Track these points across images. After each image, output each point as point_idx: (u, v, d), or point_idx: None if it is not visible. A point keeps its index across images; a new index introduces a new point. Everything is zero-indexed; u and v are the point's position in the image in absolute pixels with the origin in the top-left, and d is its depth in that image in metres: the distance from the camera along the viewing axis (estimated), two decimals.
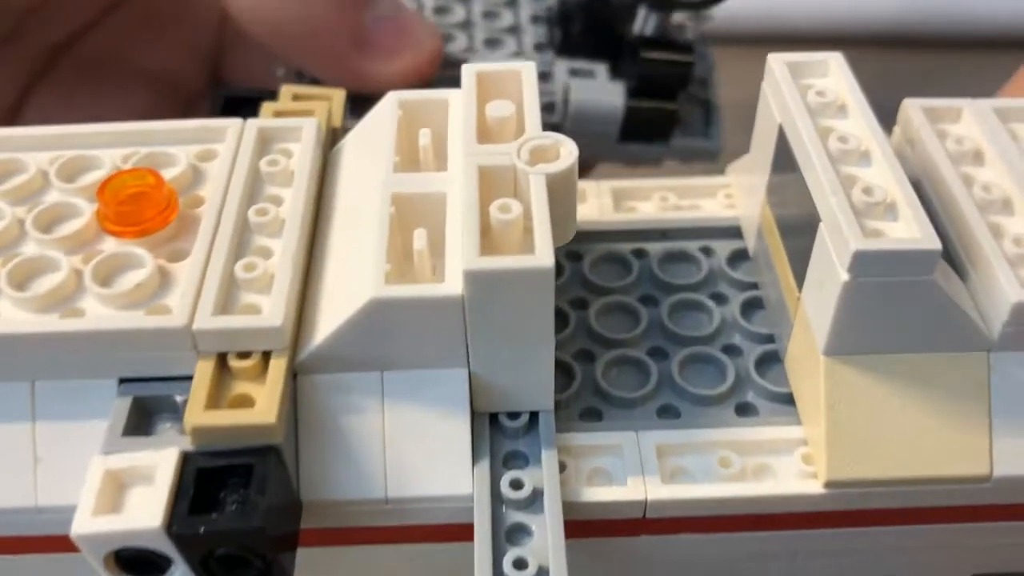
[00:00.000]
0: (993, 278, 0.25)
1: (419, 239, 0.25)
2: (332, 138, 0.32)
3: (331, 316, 0.25)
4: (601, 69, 0.38)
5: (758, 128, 0.31)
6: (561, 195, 0.26)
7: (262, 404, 0.24)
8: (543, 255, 0.24)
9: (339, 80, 0.32)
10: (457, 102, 0.29)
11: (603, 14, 0.37)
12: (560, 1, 0.39)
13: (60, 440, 0.25)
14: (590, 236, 0.33)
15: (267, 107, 0.32)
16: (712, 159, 0.38)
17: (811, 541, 0.27)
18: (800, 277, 0.27)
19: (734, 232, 0.33)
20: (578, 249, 0.33)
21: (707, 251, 0.33)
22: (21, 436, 0.25)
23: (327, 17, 0.33)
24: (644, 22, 0.36)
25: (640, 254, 0.33)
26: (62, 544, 0.24)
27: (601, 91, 0.37)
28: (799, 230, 0.27)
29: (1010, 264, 0.26)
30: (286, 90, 0.34)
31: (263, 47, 0.39)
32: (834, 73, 0.29)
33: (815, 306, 0.26)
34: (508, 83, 0.29)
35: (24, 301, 0.25)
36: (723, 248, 0.33)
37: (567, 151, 0.26)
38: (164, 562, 0.24)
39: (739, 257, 0.32)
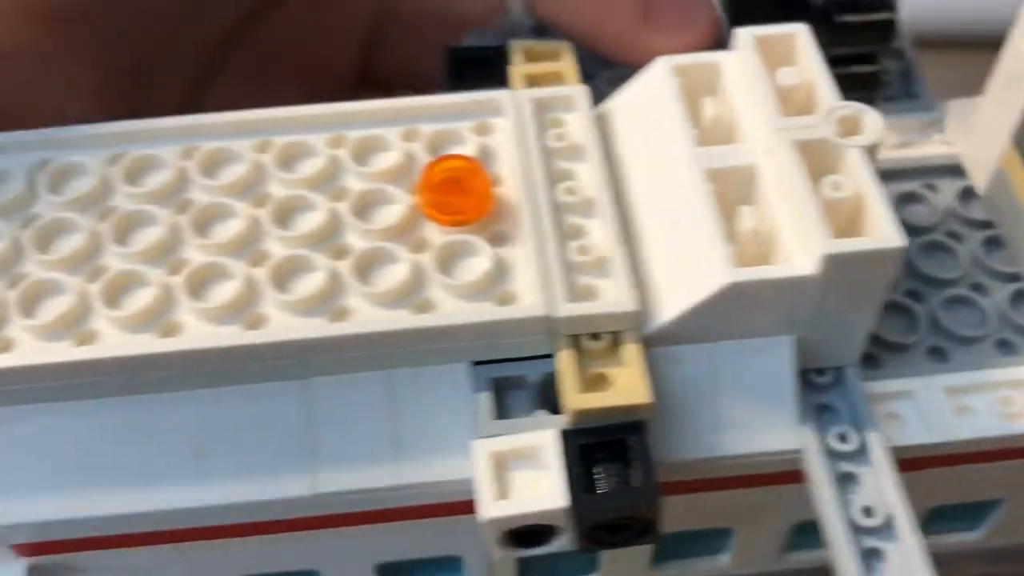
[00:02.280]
0: None
1: (748, 217, 0.27)
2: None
3: (673, 297, 0.27)
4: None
5: (1005, 64, 0.32)
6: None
7: (635, 385, 0.26)
8: (893, 234, 0.25)
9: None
10: (730, 67, 0.30)
11: None
12: None
13: (420, 422, 0.27)
14: None
15: (518, 71, 0.32)
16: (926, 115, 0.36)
17: None
18: None
19: (956, 171, 0.35)
20: None
21: (932, 188, 0.35)
22: (382, 420, 0.27)
23: None
24: None
25: None
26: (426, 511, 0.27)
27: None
28: None
29: None
30: (516, 47, 0.34)
31: (419, 35, 0.39)
32: None
33: None
34: (785, 46, 0.30)
35: (369, 295, 0.26)
36: (948, 187, 0.34)
37: (873, 120, 0.27)
38: (552, 532, 0.26)
39: (966, 196, 0.34)
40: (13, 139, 0.29)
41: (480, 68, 0.33)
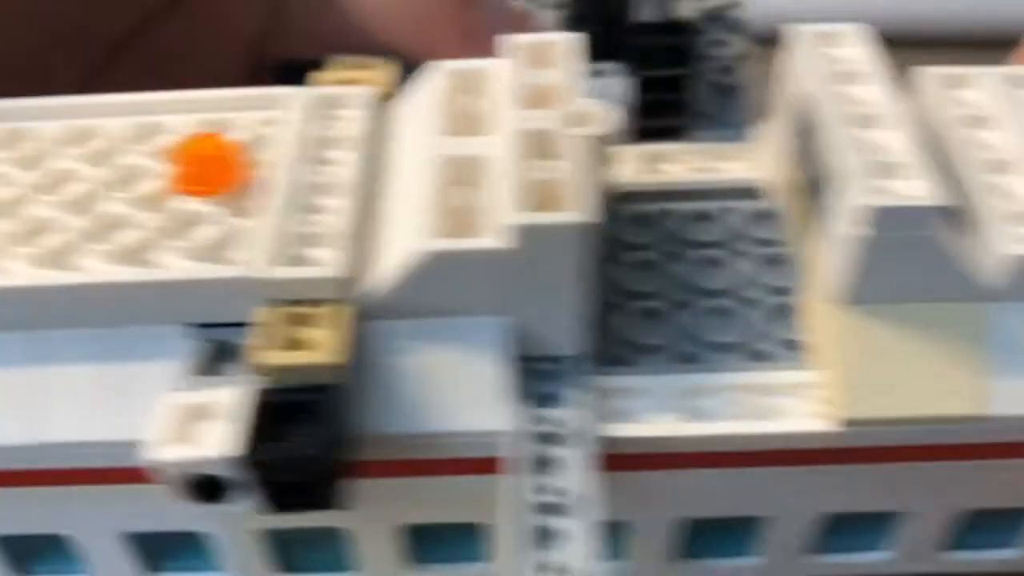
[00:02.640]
0: (989, 233, 0.28)
1: (466, 198, 0.28)
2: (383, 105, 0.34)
3: (387, 268, 0.28)
4: (613, 69, 0.36)
5: (779, 95, 0.33)
6: (598, 159, 0.29)
7: (328, 346, 0.26)
8: (583, 211, 0.26)
9: None
10: (500, 72, 0.31)
11: (611, 8, 0.36)
12: (569, 5, 0.38)
13: (134, 380, 0.28)
14: (621, 197, 0.36)
15: (321, 76, 0.35)
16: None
17: (824, 477, 0.30)
18: (816, 233, 0.29)
19: (756, 193, 0.35)
20: (609, 208, 0.35)
21: (728, 211, 0.35)
22: (98, 376, 0.28)
23: (440, 10, 0.34)
24: (644, 7, 0.36)
25: (665, 214, 0.35)
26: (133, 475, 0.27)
27: (602, 91, 0.34)
28: (815, 191, 0.29)
29: (1006, 220, 0.28)
30: (336, 60, 0.37)
31: (305, 39, 0.42)
32: (853, 43, 0.31)
33: (828, 259, 0.28)
34: (550, 52, 0.31)
35: (103, 253, 0.28)
36: (745, 207, 0.35)
37: (606, 115, 0.28)
38: (231, 487, 0.26)
39: (761, 216, 0.35)
40: None
41: (301, 76, 0.35)
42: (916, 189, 0.26)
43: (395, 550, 0.32)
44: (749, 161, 0.37)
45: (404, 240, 0.28)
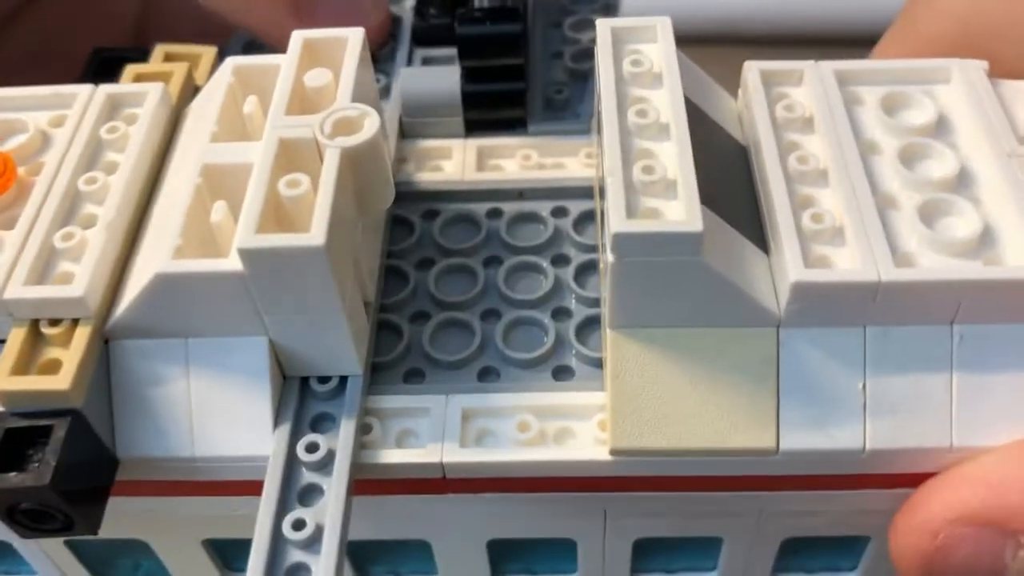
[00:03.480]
0: (782, 254, 0.25)
1: (217, 211, 0.26)
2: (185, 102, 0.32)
3: (134, 287, 0.26)
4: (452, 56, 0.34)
5: (596, 93, 0.31)
6: (367, 166, 0.27)
7: (63, 370, 0.25)
8: (316, 233, 0.24)
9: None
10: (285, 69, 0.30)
11: None
12: None
13: None
14: (447, 196, 0.34)
15: (129, 70, 0.33)
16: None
17: (612, 502, 0.28)
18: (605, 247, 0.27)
19: (589, 192, 0.33)
20: (435, 208, 0.34)
21: (559, 212, 0.33)
22: None
23: None
24: None
25: (494, 215, 0.33)
26: None
27: (435, 79, 0.34)
28: (604, 200, 0.27)
29: (803, 240, 0.26)
30: (159, 49, 0.35)
31: (190, 22, 0.40)
32: (660, 39, 0.29)
33: (604, 279, 0.26)
34: (334, 50, 0.29)
35: None
36: (576, 208, 0.33)
37: (370, 122, 0.27)
38: None
39: (588, 218, 0.33)
40: None
41: (117, 68, 0.34)
42: (678, 212, 0.24)
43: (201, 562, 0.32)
44: (588, 156, 0.35)
45: (152, 258, 0.26)
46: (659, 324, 0.26)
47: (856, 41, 0.36)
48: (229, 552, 0.32)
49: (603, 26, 0.29)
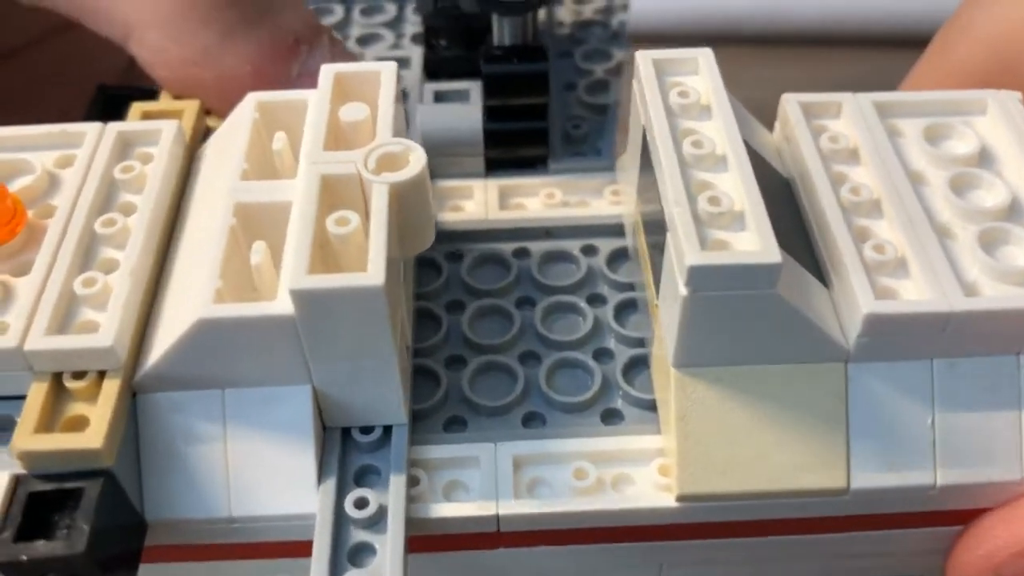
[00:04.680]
0: (849, 287, 0.25)
1: (256, 253, 0.25)
2: (206, 137, 0.31)
3: (166, 335, 0.24)
4: (475, 89, 0.34)
5: (631, 126, 0.30)
6: (412, 204, 0.26)
7: (92, 427, 0.23)
8: (374, 273, 0.23)
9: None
10: (313, 105, 0.28)
11: (467, 26, 0.34)
12: (424, 18, 0.35)
13: None
14: (472, 235, 0.33)
15: (136, 107, 0.32)
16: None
17: (673, 553, 0.27)
18: (658, 283, 0.26)
19: (618, 230, 0.32)
20: (460, 249, 0.32)
21: (589, 250, 0.32)
22: None
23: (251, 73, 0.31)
24: (500, 30, 0.33)
25: (522, 254, 0.32)
26: None
27: (454, 116, 0.33)
28: (658, 235, 0.26)
29: (868, 271, 0.25)
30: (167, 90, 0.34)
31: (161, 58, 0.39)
32: (703, 71, 0.28)
33: (666, 316, 0.25)
34: (367, 85, 0.28)
35: None
36: (606, 247, 0.32)
37: (416, 158, 0.25)
38: None
39: (620, 256, 0.32)
40: None
41: (123, 106, 0.32)
42: (751, 244, 0.24)
43: None
44: (614, 194, 0.34)
45: (186, 304, 0.24)
46: (726, 362, 0.25)
47: (856, 41, 0.36)
48: None
49: (644, 59, 0.28)
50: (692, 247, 0.23)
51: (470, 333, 0.30)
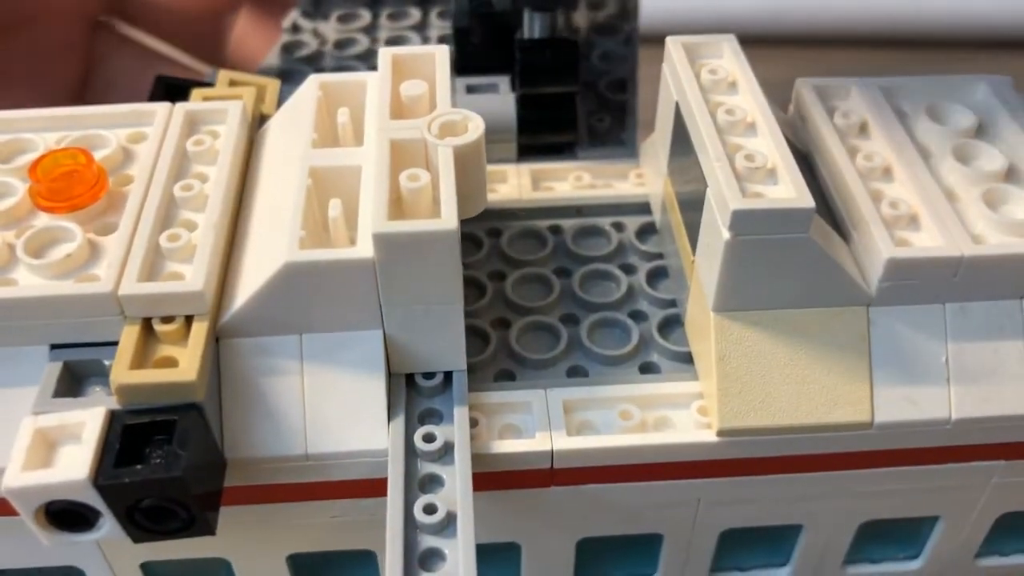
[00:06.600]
0: (870, 237, 0.27)
1: (334, 208, 0.27)
2: (262, 122, 0.33)
3: (250, 282, 0.27)
4: (504, 82, 0.37)
5: (660, 109, 0.33)
6: (470, 168, 0.28)
7: (184, 364, 0.25)
8: (448, 218, 0.25)
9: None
10: (374, 83, 0.31)
11: (497, 23, 0.36)
12: (454, 16, 0.38)
13: None
14: (509, 214, 0.35)
15: (197, 92, 0.34)
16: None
17: (710, 489, 0.29)
18: (695, 244, 0.29)
19: (643, 208, 0.35)
20: (498, 226, 0.35)
21: (618, 226, 0.35)
22: None
23: None
24: (530, 25, 0.36)
25: (556, 230, 0.35)
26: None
27: (489, 105, 0.36)
28: (694, 203, 0.29)
29: (886, 225, 0.28)
30: (224, 75, 0.36)
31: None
32: (727, 54, 0.31)
33: (706, 267, 0.28)
34: (422, 65, 0.30)
35: None
36: (633, 223, 0.35)
37: (475, 125, 0.28)
38: (93, 515, 0.25)
39: (647, 231, 0.34)
40: None
41: (181, 95, 0.34)
42: (787, 192, 0.26)
43: None
44: (638, 177, 0.36)
45: (269, 253, 0.27)
46: (762, 306, 0.27)
47: (856, 41, 0.38)
48: (309, 569, 0.31)
49: (675, 43, 0.31)
50: (734, 195, 0.26)
51: (514, 297, 0.32)
